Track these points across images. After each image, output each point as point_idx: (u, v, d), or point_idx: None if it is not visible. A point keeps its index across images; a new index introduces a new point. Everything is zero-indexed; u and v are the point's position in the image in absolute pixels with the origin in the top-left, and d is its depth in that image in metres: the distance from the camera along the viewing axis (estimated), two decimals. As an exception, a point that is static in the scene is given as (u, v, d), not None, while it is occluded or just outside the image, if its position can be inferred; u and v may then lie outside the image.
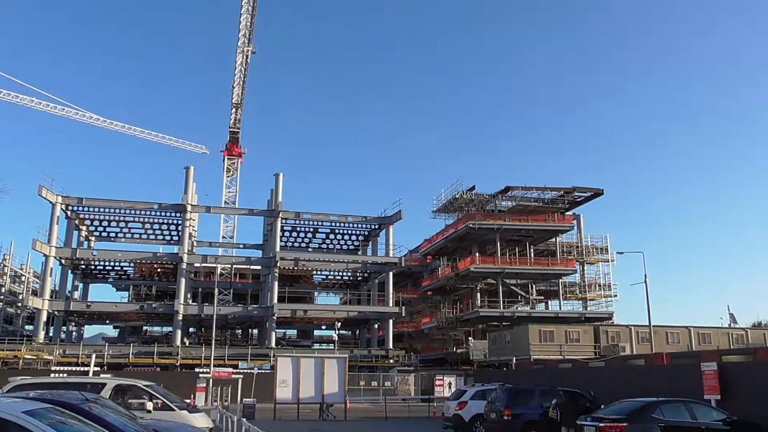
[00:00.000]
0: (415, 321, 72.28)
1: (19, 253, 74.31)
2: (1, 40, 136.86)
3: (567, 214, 62.82)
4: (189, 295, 63.30)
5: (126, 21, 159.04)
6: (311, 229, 68.47)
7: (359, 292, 73.62)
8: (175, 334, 58.21)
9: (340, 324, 62.86)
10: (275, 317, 58.90)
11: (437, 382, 36.20)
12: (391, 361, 57.99)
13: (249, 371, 40.40)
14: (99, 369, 42.32)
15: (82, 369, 45.01)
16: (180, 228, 62.29)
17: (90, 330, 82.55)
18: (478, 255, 59.35)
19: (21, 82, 72.12)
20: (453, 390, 30.48)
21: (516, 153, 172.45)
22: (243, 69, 73.12)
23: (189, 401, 22.75)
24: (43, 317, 57.00)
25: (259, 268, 65.15)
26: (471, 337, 58.56)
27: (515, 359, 40.97)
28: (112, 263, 67.41)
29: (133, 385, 14.63)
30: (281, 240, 64.56)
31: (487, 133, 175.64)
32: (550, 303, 68.93)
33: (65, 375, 34.44)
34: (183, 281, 59.29)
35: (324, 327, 75.30)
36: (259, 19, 71.93)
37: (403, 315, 64.30)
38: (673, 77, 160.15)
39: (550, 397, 18.62)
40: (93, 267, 68.11)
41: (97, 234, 68.73)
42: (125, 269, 70.59)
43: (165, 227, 66.36)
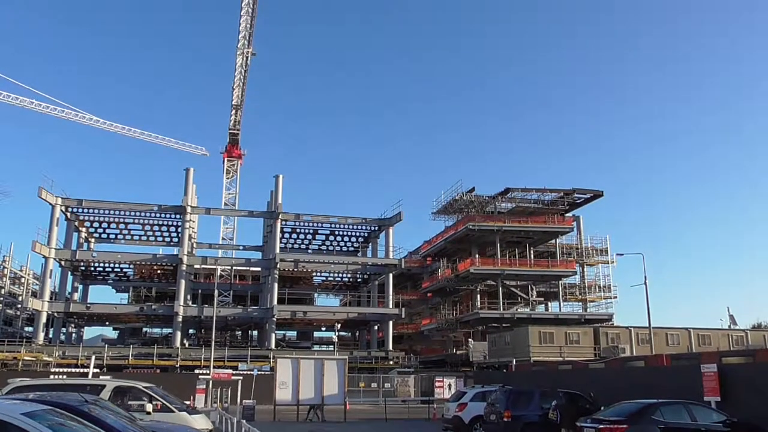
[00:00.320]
0: (415, 322, 72.24)
1: (19, 255, 74.49)
2: (1, 41, 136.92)
3: (567, 215, 62.84)
4: (189, 297, 63.32)
5: (126, 22, 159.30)
6: (311, 231, 68.51)
7: (359, 293, 73.65)
8: (175, 335, 58.21)
9: (339, 325, 62.71)
10: (275, 319, 58.93)
11: (437, 383, 36.19)
12: (391, 363, 57.99)
13: (249, 373, 40.36)
14: (98, 370, 42.19)
15: (81, 370, 44.96)
16: (180, 229, 62.31)
17: (90, 331, 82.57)
18: (477, 256, 59.37)
19: (21, 83, 72.02)
20: (453, 391, 30.50)
21: (516, 154, 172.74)
22: (243, 71, 73.12)
23: (189, 403, 22.74)
24: (43, 319, 57.05)
25: (259, 269, 65.16)
26: (471, 339, 58.54)
27: (515, 361, 40.93)
28: (111, 265, 67.47)
29: (133, 387, 14.61)
30: (281, 241, 64.59)
31: (487, 135, 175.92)
32: (550, 304, 68.90)
33: (65, 376, 34.38)
34: (183, 283, 59.31)
35: (324, 328, 75.29)
36: (259, 21, 72.07)
37: (403, 316, 64.34)
38: (674, 78, 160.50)
39: (550, 399, 18.62)
40: (93, 268, 68.14)
41: (97, 236, 68.78)
42: (125, 271, 70.65)
43: (165, 229, 66.41)
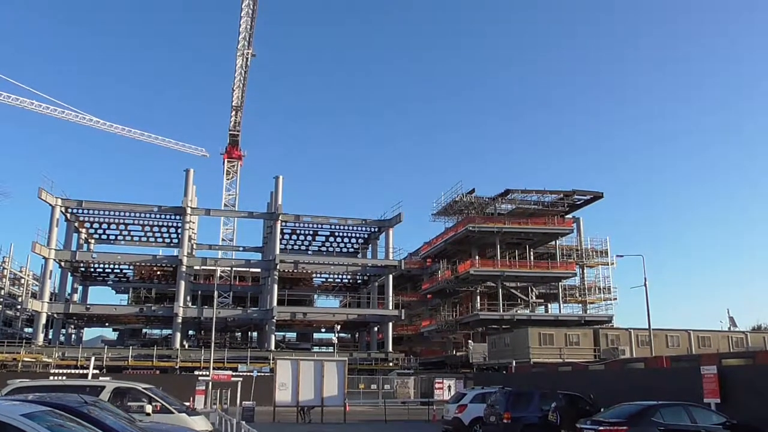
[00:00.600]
0: (415, 324, 72.19)
1: (19, 256, 74.30)
2: (1, 42, 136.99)
3: (567, 217, 62.84)
4: (188, 298, 63.30)
5: (126, 23, 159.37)
6: (311, 232, 68.49)
7: (359, 295, 73.61)
8: (175, 336, 58.18)
9: (339, 327, 62.71)
10: (275, 320, 58.90)
11: (437, 385, 36.16)
12: (391, 364, 57.97)
13: (248, 374, 40.35)
14: (98, 372, 42.19)
15: (81, 372, 44.93)
16: (180, 231, 62.30)
17: (89, 333, 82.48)
18: (477, 258, 59.35)
19: (21, 84, 72.02)
20: (452, 393, 30.49)
21: (516, 155, 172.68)
22: (243, 72, 73.15)
23: (188, 404, 22.72)
24: (43, 320, 57.02)
25: (259, 270, 65.14)
26: (471, 340, 58.50)
27: (515, 362, 40.91)
28: (111, 266, 67.46)
29: (133, 388, 14.60)
30: (281, 243, 64.57)
31: (487, 135, 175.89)
32: (549, 306, 68.86)
33: (64, 378, 34.36)
34: (182, 284, 59.30)
35: (323, 330, 75.20)
36: (259, 22, 71.99)
37: (403, 318, 64.32)
38: (674, 78, 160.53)
39: (549, 401, 18.62)
40: (92, 269, 68.12)
41: (97, 237, 68.76)
42: (125, 272, 70.64)
43: (165, 230, 66.38)
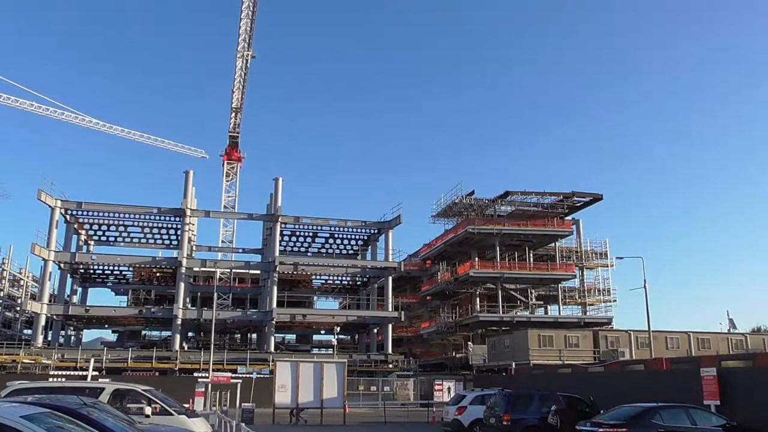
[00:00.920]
0: (415, 326, 72.18)
1: (18, 257, 74.13)
2: (0, 43, 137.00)
3: (566, 219, 62.83)
4: (188, 300, 63.24)
5: (125, 25, 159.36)
6: (310, 234, 68.46)
7: (358, 296, 73.54)
8: (174, 338, 58.12)
9: (339, 329, 62.71)
10: (274, 322, 58.84)
11: (436, 386, 36.13)
12: (390, 366, 57.90)
13: (248, 376, 40.33)
14: (97, 373, 42.14)
15: (80, 373, 44.89)
16: (179, 232, 62.25)
17: (89, 334, 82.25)
18: (477, 260, 59.34)
19: (21, 85, 71.92)
20: (452, 395, 30.47)
21: (516, 157, 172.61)
22: (243, 73, 73.18)
23: (188, 406, 22.70)
24: (42, 321, 56.91)
25: (259, 272, 65.08)
26: (470, 342, 58.51)
27: (514, 364, 40.94)
28: (111, 267, 67.40)
29: (132, 390, 14.58)
30: (280, 244, 64.52)
31: (487, 138, 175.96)
32: (549, 308, 68.84)
33: (63, 379, 34.35)
34: (182, 285, 59.24)
35: (323, 331, 75.07)
36: (259, 23, 72.05)
37: (403, 320, 64.24)
38: (674, 81, 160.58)
39: (549, 403, 18.62)
40: (92, 271, 68.07)
41: (96, 238, 68.69)
42: (124, 273, 70.56)
43: (164, 231, 66.31)
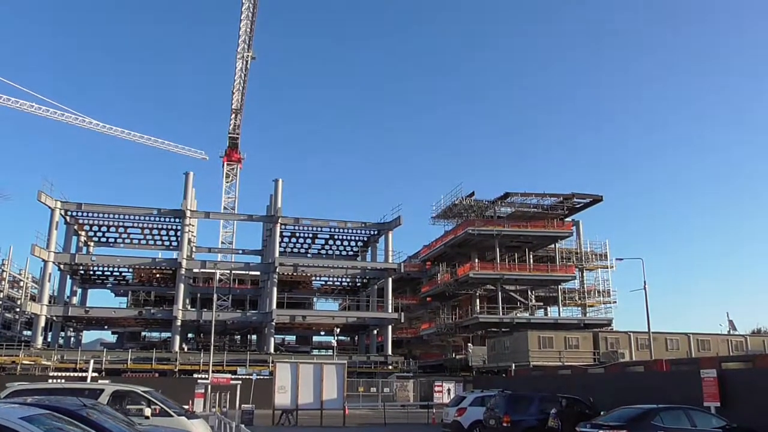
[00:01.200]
0: (414, 327, 72.15)
1: (18, 259, 74.04)
2: (0, 44, 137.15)
3: (566, 220, 62.87)
4: (188, 301, 63.22)
5: (126, 26, 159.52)
6: (310, 235, 68.45)
7: (358, 297, 73.52)
8: (174, 339, 58.09)
9: (339, 330, 62.68)
10: (274, 323, 58.81)
11: (436, 388, 36.10)
12: (390, 367, 57.85)
13: (248, 377, 40.31)
14: (97, 375, 42.07)
15: (80, 374, 44.84)
16: (179, 233, 62.24)
17: (88, 335, 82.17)
18: (477, 261, 59.31)
19: (21, 87, 72.06)
20: (452, 396, 30.45)
21: (516, 159, 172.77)
22: (243, 75, 73.26)
23: (187, 407, 22.68)
24: (42, 322, 56.87)
25: (258, 273, 65.06)
26: (470, 344, 58.48)
27: (514, 365, 40.95)
28: (110, 269, 67.37)
29: (132, 391, 14.55)
30: (280, 246, 64.50)
31: (487, 139, 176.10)
32: (549, 309, 68.87)
33: (63, 380, 34.31)
34: (182, 287, 59.22)
35: (323, 333, 75.17)
36: (259, 25, 72.12)
37: (402, 321, 64.22)
38: (675, 83, 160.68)
39: (549, 404, 18.60)
40: (92, 272, 68.05)
41: (96, 239, 68.66)
42: (124, 275, 70.55)
43: (164, 233, 66.30)
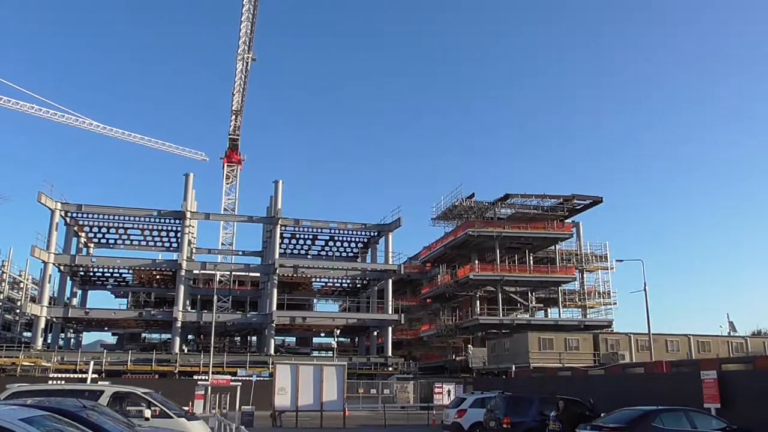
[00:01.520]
0: (414, 328, 72.11)
1: (18, 260, 73.97)
2: (1, 45, 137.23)
3: (566, 221, 62.85)
4: (188, 302, 63.19)
5: (126, 27, 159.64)
6: (310, 236, 68.43)
7: (358, 299, 73.50)
8: (174, 341, 58.08)
9: (339, 331, 62.70)
10: (274, 324, 58.79)
11: (436, 389, 36.08)
12: (390, 369, 57.83)
13: (248, 378, 40.30)
14: (97, 376, 42.08)
15: (80, 376, 44.80)
16: (179, 235, 62.24)
17: (88, 337, 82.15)
18: (477, 262, 59.27)
19: (20, 88, 72.20)
20: (452, 398, 30.43)
21: (516, 160, 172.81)
22: (243, 76, 73.36)
23: (187, 409, 22.65)
24: (42, 324, 56.86)
25: (258, 275, 65.05)
26: (470, 345, 58.44)
27: (514, 367, 40.92)
28: (110, 270, 67.30)
29: (131, 393, 14.53)
30: (280, 247, 64.50)
31: (488, 140, 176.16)
32: (549, 311, 68.81)
33: (63, 382, 34.28)
34: (182, 288, 59.21)
35: (323, 334, 75.11)
36: (260, 26, 72.27)
37: (402, 322, 64.21)
38: (675, 84, 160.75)
39: (549, 406, 18.56)
40: (92, 274, 68.01)
41: (96, 241, 68.65)
42: (124, 276, 70.49)
43: (164, 234, 66.29)
